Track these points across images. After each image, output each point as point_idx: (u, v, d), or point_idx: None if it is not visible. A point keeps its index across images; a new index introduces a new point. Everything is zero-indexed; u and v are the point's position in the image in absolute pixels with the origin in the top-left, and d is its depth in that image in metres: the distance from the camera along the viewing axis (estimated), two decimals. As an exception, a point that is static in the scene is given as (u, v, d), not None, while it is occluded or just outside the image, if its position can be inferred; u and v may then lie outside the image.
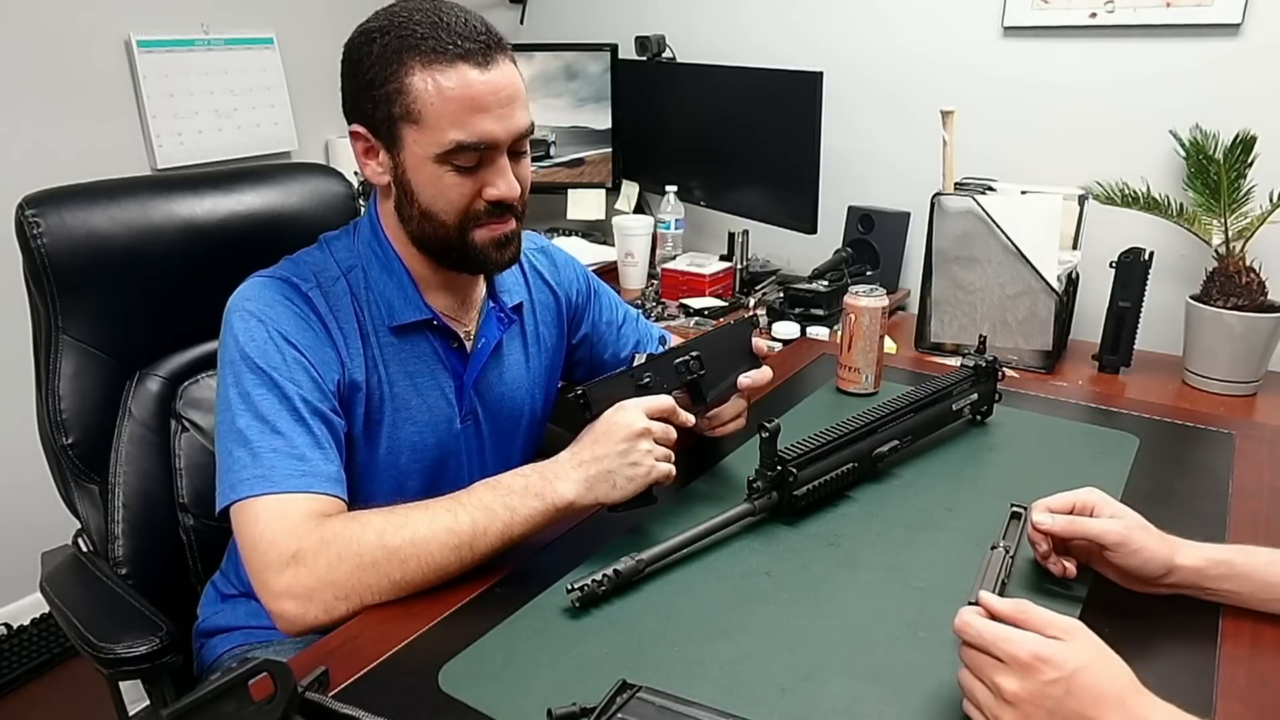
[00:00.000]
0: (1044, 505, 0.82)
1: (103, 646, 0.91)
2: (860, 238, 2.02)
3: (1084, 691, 0.60)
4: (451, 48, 0.87)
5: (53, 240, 1.06)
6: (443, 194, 0.92)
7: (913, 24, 1.99)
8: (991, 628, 0.64)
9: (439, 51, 0.87)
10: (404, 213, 0.95)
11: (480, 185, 0.92)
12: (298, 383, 0.90)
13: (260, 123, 2.30)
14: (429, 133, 0.88)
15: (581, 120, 2.36)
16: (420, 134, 0.89)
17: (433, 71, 0.87)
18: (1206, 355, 1.57)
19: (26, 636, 2.02)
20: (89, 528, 1.13)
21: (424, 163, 0.90)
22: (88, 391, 1.11)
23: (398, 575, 0.81)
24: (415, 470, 1.02)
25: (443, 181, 0.91)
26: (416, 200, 0.93)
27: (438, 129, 0.88)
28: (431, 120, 0.88)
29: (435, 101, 0.87)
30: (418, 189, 0.92)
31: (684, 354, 0.97)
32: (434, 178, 0.91)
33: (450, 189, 0.91)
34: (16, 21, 1.86)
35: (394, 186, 0.94)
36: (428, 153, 0.89)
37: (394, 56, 0.87)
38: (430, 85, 0.87)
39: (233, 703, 0.60)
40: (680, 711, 0.63)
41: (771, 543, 0.91)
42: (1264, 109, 1.62)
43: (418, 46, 0.87)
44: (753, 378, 1.05)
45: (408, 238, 0.98)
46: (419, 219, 0.94)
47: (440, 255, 0.98)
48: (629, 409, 0.88)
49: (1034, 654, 0.61)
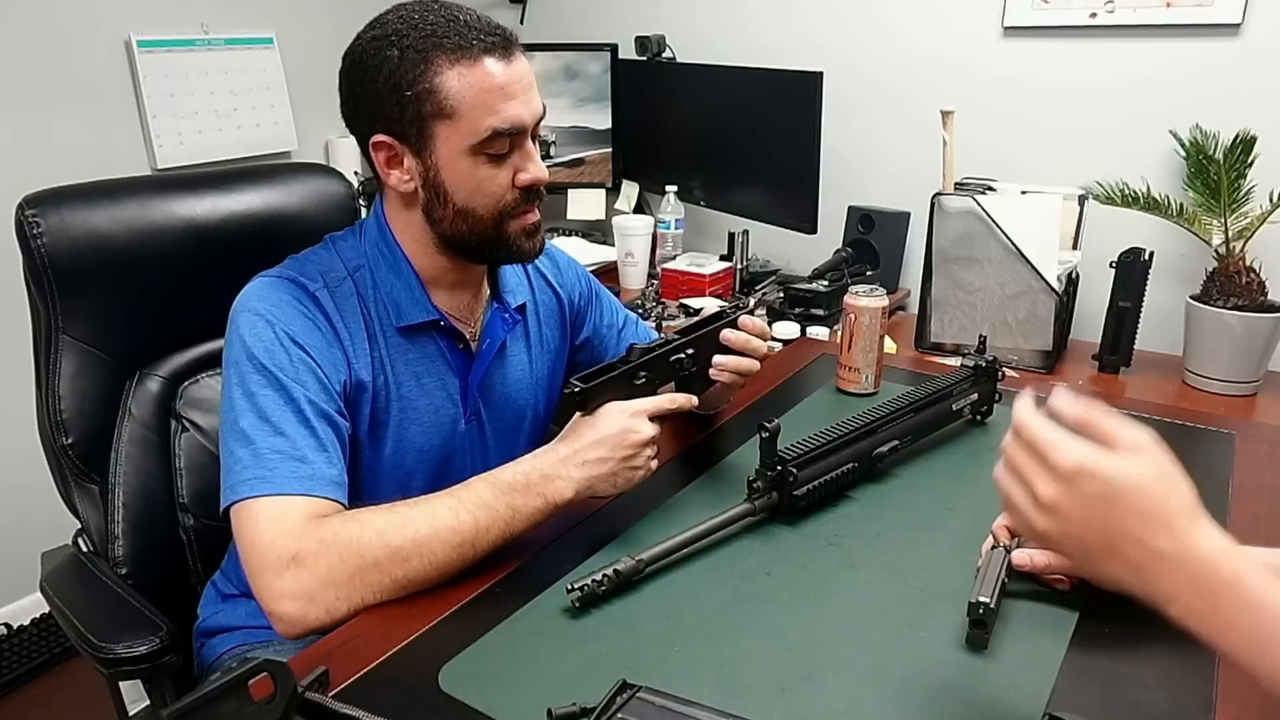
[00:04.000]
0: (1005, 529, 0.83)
1: (103, 646, 0.91)
2: (860, 238, 2.02)
3: (1129, 508, 0.56)
4: (476, 43, 0.90)
5: (53, 240, 1.06)
6: (479, 187, 0.93)
7: (913, 24, 1.99)
8: (1044, 429, 0.59)
9: (464, 47, 0.89)
10: (435, 215, 0.96)
11: (512, 173, 0.94)
12: (304, 384, 0.90)
13: (260, 123, 2.30)
14: (464, 124, 0.90)
15: (581, 120, 2.36)
16: (454, 128, 0.90)
17: (462, 67, 0.89)
18: (1206, 355, 1.57)
19: (26, 636, 2.02)
20: (89, 528, 1.13)
21: (458, 157, 0.92)
22: (88, 391, 1.11)
23: (400, 574, 0.81)
24: (421, 471, 1.02)
25: (478, 174, 0.93)
26: (451, 199, 0.94)
27: (472, 119, 0.90)
28: (466, 112, 0.90)
29: (468, 94, 0.89)
30: (453, 187, 0.93)
31: (679, 350, 0.97)
32: (469, 171, 0.93)
33: (486, 180, 0.93)
34: (16, 21, 1.86)
35: (423, 191, 0.95)
36: (462, 146, 0.91)
37: (420, 57, 0.89)
38: (462, 80, 0.89)
39: (233, 703, 0.60)
40: (680, 711, 0.63)
41: (771, 543, 0.91)
42: (1264, 109, 1.61)
43: (442, 44, 0.89)
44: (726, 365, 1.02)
45: (431, 239, 0.98)
46: (454, 218, 0.95)
47: (472, 252, 0.99)
48: (638, 417, 0.89)
49: (1079, 464, 0.57)
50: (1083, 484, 0.57)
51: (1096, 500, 0.57)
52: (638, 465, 0.89)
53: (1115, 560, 0.57)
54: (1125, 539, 0.56)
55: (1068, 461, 0.57)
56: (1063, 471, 0.57)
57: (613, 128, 2.36)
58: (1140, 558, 0.56)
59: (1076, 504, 0.57)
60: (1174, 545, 0.56)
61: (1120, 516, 0.56)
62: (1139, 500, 0.56)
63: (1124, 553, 0.57)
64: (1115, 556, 0.57)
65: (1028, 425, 0.60)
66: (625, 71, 2.32)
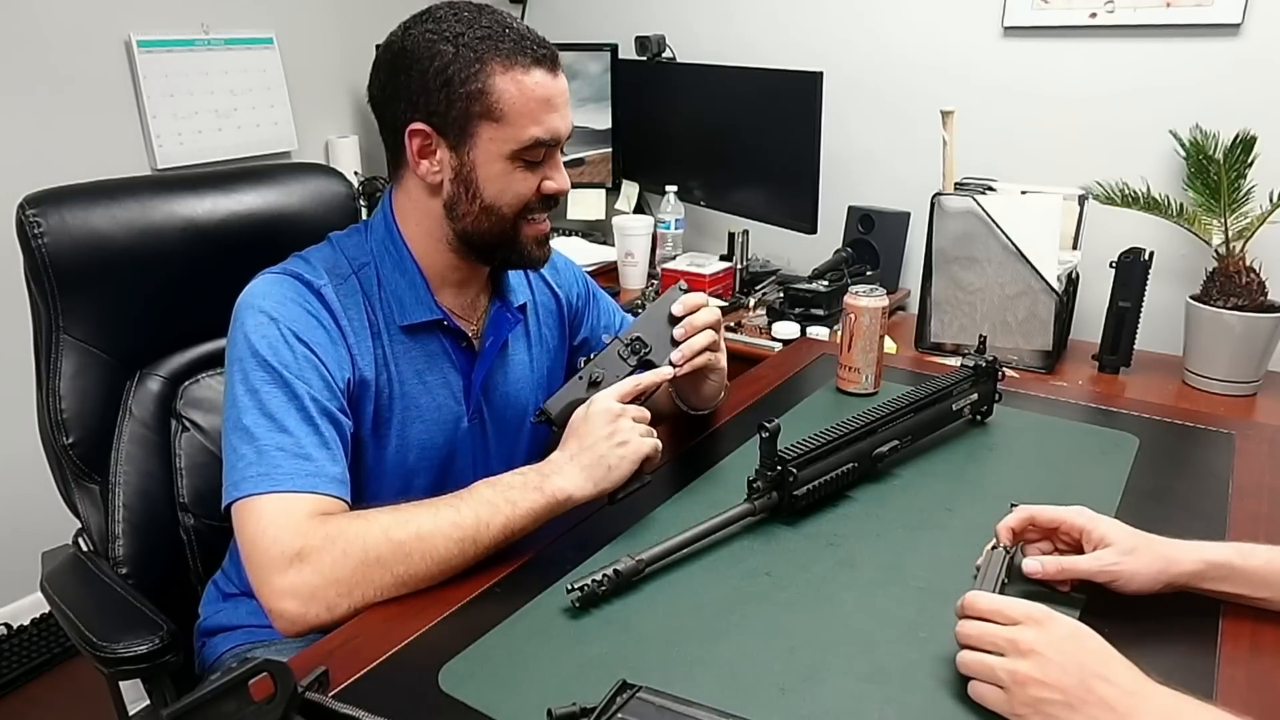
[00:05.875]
0: (1028, 517, 0.82)
1: (103, 646, 0.91)
2: (860, 238, 2.03)
3: (1093, 648, 0.64)
4: (529, 53, 0.92)
5: (53, 240, 1.06)
6: (510, 188, 0.95)
7: (913, 24, 1.99)
8: (996, 598, 0.69)
9: (519, 54, 0.92)
10: (459, 210, 0.96)
11: (540, 179, 0.97)
12: (308, 381, 0.90)
13: (260, 123, 2.30)
14: (510, 129, 0.92)
15: (581, 120, 2.36)
16: (500, 131, 0.92)
17: (515, 73, 0.91)
18: (1206, 355, 1.57)
19: (26, 636, 2.02)
20: (89, 527, 1.13)
21: (496, 159, 0.94)
22: (88, 391, 1.11)
23: (402, 570, 0.81)
24: (423, 469, 1.02)
25: (511, 176, 0.95)
26: (480, 196, 0.95)
27: (519, 126, 0.92)
28: (513, 118, 0.92)
29: (518, 101, 0.91)
30: (483, 184, 0.95)
31: (624, 341, 0.99)
32: (504, 173, 0.94)
33: (518, 183, 0.95)
34: (16, 21, 1.86)
35: (450, 185, 0.96)
36: (503, 150, 0.93)
37: (474, 56, 0.90)
38: (514, 86, 0.91)
39: (233, 703, 0.60)
40: (680, 711, 0.63)
41: (771, 543, 0.91)
42: (1264, 109, 1.62)
43: (498, 48, 0.91)
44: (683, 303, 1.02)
45: (446, 234, 0.98)
46: (477, 215, 0.96)
47: (485, 251, 1.00)
48: (597, 400, 0.92)
49: (1047, 611, 0.66)
50: (1054, 626, 0.65)
51: (1067, 640, 0.64)
52: (625, 439, 0.89)
53: (1091, 702, 0.61)
54: (1096, 676, 0.62)
55: (1037, 610, 0.66)
56: (1035, 617, 0.66)
57: (613, 128, 2.36)
58: (1115, 695, 0.61)
59: (1052, 644, 0.64)
60: (1136, 682, 0.62)
61: (1089, 652, 0.64)
62: (1100, 645, 0.65)
63: (1099, 692, 0.62)
64: (1092, 697, 0.62)
65: (982, 597, 0.69)
66: (625, 71, 2.32)
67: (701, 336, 1.01)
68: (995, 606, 0.67)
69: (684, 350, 1.00)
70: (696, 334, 1.01)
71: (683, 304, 1.02)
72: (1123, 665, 0.63)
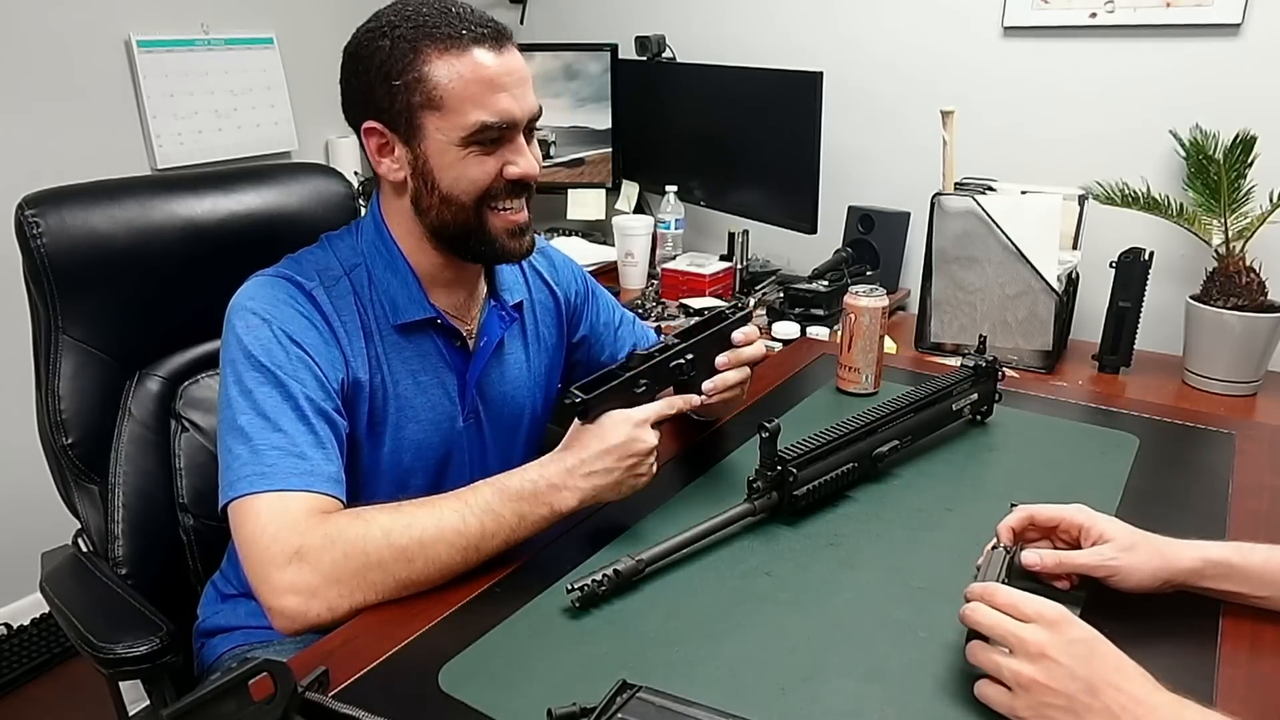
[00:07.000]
0: (1028, 517, 0.82)
1: (103, 646, 0.91)
2: (860, 238, 2.02)
3: (1106, 656, 0.63)
4: (466, 33, 0.89)
5: (53, 240, 1.06)
6: (465, 174, 0.93)
7: (913, 24, 1.99)
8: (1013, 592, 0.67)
9: (454, 37, 0.89)
10: (422, 204, 0.96)
11: (501, 165, 0.94)
12: (301, 381, 0.90)
13: (260, 123, 2.30)
14: (452, 117, 0.90)
15: (581, 120, 2.36)
16: (443, 120, 0.90)
17: (451, 57, 0.89)
18: (1206, 355, 1.57)
19: (26, 636, 2.02)
20: (89, 528, 1.13)
21: (447, 149, 0.92)
22: (88, 391, 1.11)
23: (403, 574, 0.81)
24: (419, 469, 1.02)
25: (465, 163, 0.93)
26: (437, 187, 0.94)
27: (461, 112, 0.90)
28: (454, 105, 0.90)
29: (456, 86, 0.89)
30: (439, 175, 0.93)
31: (679, 355, 0.95)
32: (456, 161, 0.92)
33: (473, 169, 0.93)
34: (16, 21, 1.86)
35: (411, 180, 0.95)
36: (451, 138, 0.91)
37: (410, 46, 0.89)
38: (450, 70, 0.89)
39: (233, 703, 0.60)
40: (680, 711, 0.63)
41: (771, 543, 0.91)
42: (1264, 109, 1.61)
43: (432, 34, 0.89)
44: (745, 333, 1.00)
45: (423, 232, 0.98)
46: (439, 206, 0.95)
47: (458, 244, 0.98)
48: (642, 426, 0.88)
49: (1062, 611, 0.64)
50: (1067, 629, 0.64)
51: (1078, 644, 0.63)
52: (641, 473, 0.89)
53: (1096, 709, 0.61)
54: (1106, 684, 0.62)
55: (1051, 610, 0.64)
56: (1048, 618, 0.64)
57: (613, 128, 2.36)
58: (1122, 703, 0.61)
59: (1061, 648, 0.63)
60: (1147, 692, 0.62)
61: (1101, 660, 0.63)
62: (1111, 651, 0.64)
63: (1106, 699, 0.61)
64: (1098, 704, 0.61)
65: (1001, 590, 0.68)
66: (625, 71, 2.32)
67: (739, 372, 1.00)
68: (1012, 601, 0.67)
69: (717, 382, 0.98)
70: (737, 368, 0.99)
71: (744, 334, 1.00)
72: (1136, 673, 0.63)
